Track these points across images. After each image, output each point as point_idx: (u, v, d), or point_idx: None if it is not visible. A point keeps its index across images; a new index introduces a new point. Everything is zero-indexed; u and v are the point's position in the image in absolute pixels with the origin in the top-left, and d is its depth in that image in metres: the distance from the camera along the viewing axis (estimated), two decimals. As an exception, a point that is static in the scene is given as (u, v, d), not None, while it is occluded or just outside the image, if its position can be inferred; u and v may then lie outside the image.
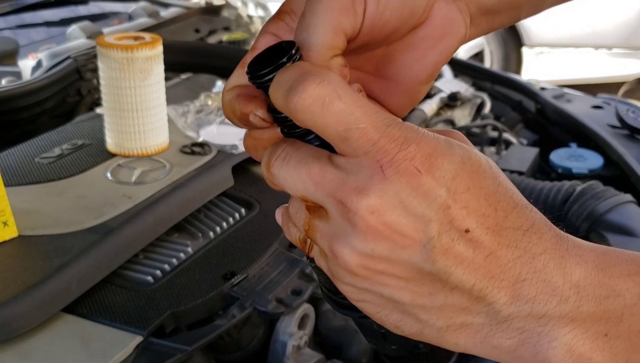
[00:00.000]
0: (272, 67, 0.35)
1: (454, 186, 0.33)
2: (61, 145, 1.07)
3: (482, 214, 0.33)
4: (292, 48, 0.35)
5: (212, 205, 1.00)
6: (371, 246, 0.33)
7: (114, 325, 0.77)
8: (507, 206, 0.34)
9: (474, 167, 0.34)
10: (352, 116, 0.32)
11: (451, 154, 0.33)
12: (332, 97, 0.32)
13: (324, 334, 0.91)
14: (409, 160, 0.32)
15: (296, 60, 0.35)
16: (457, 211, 0.33)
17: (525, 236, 0.34)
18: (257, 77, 0.35)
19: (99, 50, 0.98)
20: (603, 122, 1.47)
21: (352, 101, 0.33)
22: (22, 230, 0.84)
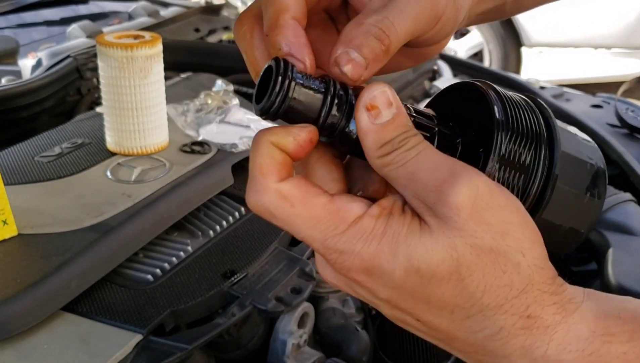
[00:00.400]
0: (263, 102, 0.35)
1: (395, 293, 0.34)
2: (61, 144, 1.06)
3: (433, 314, 0.35)
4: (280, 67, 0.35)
5: (212, 204, 1.00)
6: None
7: (113, 324, 0.77)
8: (469, 311, 0.34)
9: (423, 279, 0.33)
10: (292, 228, 0.35)
11: (390, 270, 0.34)
12: (268, 216, 0.35)
13: (323, 332, 0.91)
14: (345, 271, 0.35)
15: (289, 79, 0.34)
16: (403, 305, 0.35)
17: (486, 340, 0.34)
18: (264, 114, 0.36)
19: (98, 49, 0.98)
20: (602, 121, 1.47)
21: (286, 218, 0.34)
22: (22, 229, 0.84)
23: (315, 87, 0.35)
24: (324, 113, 0.35)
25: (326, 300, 0.94)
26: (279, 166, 0.34)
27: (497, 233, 0.33)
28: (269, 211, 0.34)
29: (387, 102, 0.35)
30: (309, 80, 0.35)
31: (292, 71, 0.35)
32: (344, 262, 0.34)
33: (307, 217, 0.34)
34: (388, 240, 0.33)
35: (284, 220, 0.34)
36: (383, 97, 0.35)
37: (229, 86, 1.23)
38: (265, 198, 0.34)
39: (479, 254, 0.33)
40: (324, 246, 0.34)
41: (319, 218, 0.34)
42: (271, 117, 0.35)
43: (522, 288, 0.33)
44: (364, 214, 0.34)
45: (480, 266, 0.33)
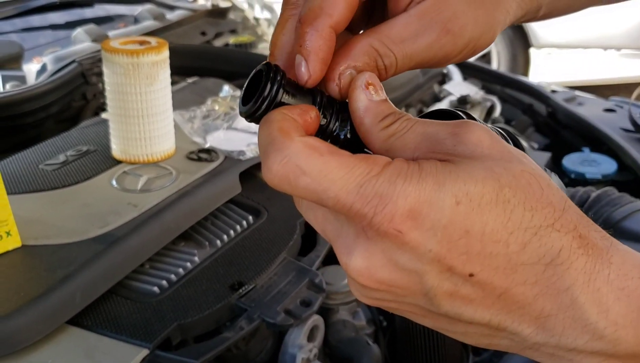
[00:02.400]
0: (249, 105, 0.35)
1: (446, 236, 0.31)
2: (66, 151, 1.05)
3: (488, 255, 0.31)
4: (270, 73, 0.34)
5: (219, 212, 0.99)
6: (373, 294, 0.34)
7: (119, 338, 0.75)
8: (524, 235, 0.31)
9: (474, 202, 0.31)
10: (320, 186, 0.31)
11: (439, 201, 0.30)
12: (296, 174, 0.31)
13: (334, 346, 0.89)
14: (387, 222, 0.31)
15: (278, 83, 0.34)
16: (455, 259, 0.31)
17: (547, 270, 0.31)
18: (248, 116, 0.35)
19: (104, 55, 0.96)
20: (616, 126, 1.45)
21: (318, 171, 0.31)
22: (26, 240, 0.82)
23: (302, 97, 0.35)
24: None
25: (336, 312, 0.92)
26: (299, 127, 0.33)
27: (520, 156, 0.32)
28: (297, 166, 0.31)
29: (379, 85, 0.36)
30: (297, 89, 0.35)
31: (282, 78, 0.34)
32: (386, 207, 0.30)
33: (338, 165, 0.31)
34: (427, 173, 0.31)
35: (314, 174, 0.31)
36: (376, 80, 0.36)
37: (236, 91, 1.21)
38: (291, 150, 0.31)
39: (515, 175, 0.31)
40: (360, 196, 0.31)
41: (351, 164, 0.31)
42: (255, 121, 0.35)
43: (562, 207, 0.31)
44: (395, 160, 0.32)
45: (520, 187, 0.31)
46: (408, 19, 0.37)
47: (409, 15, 0.37)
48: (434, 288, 0.32)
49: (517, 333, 0.32)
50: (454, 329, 0.34)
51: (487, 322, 0.32)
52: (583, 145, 1.40)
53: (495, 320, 0.32)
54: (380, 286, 0.32)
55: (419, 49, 0.37)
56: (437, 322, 0.34)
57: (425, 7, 0.37)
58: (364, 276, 0.32)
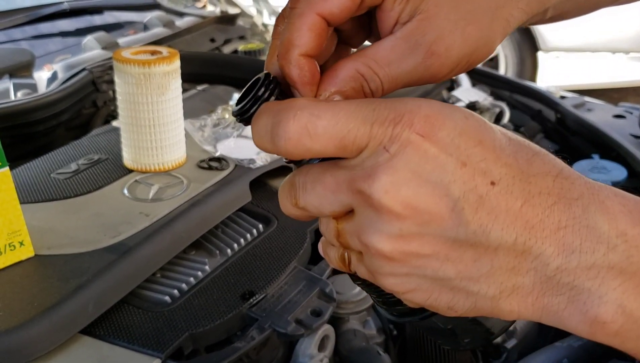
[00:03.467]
0: (241, 104, 0.37)
1: (463, 142, 0.32)
2: (77, 160, 1.05)
3: (504, 164, 0.32)
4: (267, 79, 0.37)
5: (230, 221, 0.99)
6: (398, 226, 0.33)
7: (131, 348, 0.75)
8: (527, 154, 0.33)
9: (480, 122, 0.33)
10: (338, 124, 0.33)
11: (451, 112, 0.33)
12: (312, 120, 0.33)
13: (344, 355, 0.89)
14: (408, 129, 0.32)
15: (268, 89, 0.37)
16: (476, 166, 0.32)
17: (556, 182, 0.32)
18: (239, 115, 0.38)
19: (115, 65, 0.97)
20: (625, 132, 1.44)
21: (331, 112, 0.33)
22: (38, 250, 0.83)
23: None
24: None
25: (347, 322, 0.92)
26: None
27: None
28: (310, 114, 0.33)
29: None
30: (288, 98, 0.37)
31: (276, 87, 0.37)
32: (404, 116, 0.32)
33: (348, 103, 0.33)
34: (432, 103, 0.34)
35: (328, 114, 0.33)
36: None
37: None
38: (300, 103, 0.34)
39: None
40: (377, 116, 0.32)
41: (360, 101, 0.34)
42: (244, 122, 0.37)
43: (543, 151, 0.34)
44: None
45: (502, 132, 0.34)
46: (394, 41, 0.38)
47: (395, 38, 0.38)
48: (460, 201, 0.32)
49: (540, 255, 0.32)
50: (479, 269, 0.33)
51: (513, 241, 0.32)
52: (592, 152, 1.40)
53: (521, 238, 0.32)
54: (405, 209, 0.32)
55: (404, 71, 0.37)
56: (462, 263, 0.33)
57: (410, 29, 0.37)
58: (389, 193, 0.32)
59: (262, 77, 0.38)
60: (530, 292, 0.33)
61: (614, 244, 0.32)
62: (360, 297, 0.93)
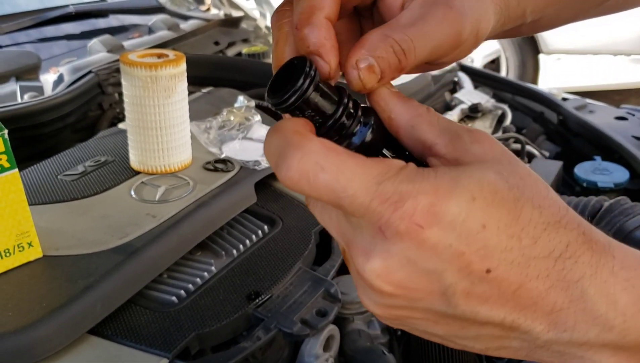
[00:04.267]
0: (280, 95, 0.35)
1: (465, 230, 0.31)
2: (84, 162, 1.06)
3: (504, 250, 0.31)
4: (304, 66, 0.35)
5: (235, 222, 1.00)
6: (387, 301, 0.34)
7: (139, 347, 0.76)
8: (535, 231, 0.32)
9: (488, 199, 0.31)
10: (339, 184, 0.31)
11: (458, 195, 0.31)
12: (315, 171, 0.31)
13: (349, 355, 0.90)
14: (408, 218, 0.31)
15: (312, 77, 0.35)
16: (474, 255, 0.31)
17: (557, 263, 0.32)
18: (276, 106, 0.36)
19: (122, 68, 0.97)
20: (627, 134, 1.45)
21: (336, 168, 0.31)
22: (46, 250, 0.83)
23: (331, 95, 0.36)
24: (330, 123, 0.36)
25: (351, 322, 0.93)
26: (312, 128, 0.35)
27: (524, 165, 0.34)
28: (315, 163, 0.31)
29: None
30: (327, 86, 0.36)
31: (315, 74, 0.35)
32: (406, 203, 0.31)
33: (356, 164, 0.32)
34: (443, 172, 0.32)
35: (332, 170, 0.31)
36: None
37: (250, 102, 1.22)
38: (310, 148, 0.32)
39: (522, 177, 0.33)
40: (378, 193, 0.31)
41: (368, 165, 0.32)
42: (281, 111, 0.36)
43: (565, 207, 0.33)
44: (409, 164, 0.33)
45: (527, 188, 0.32)
46: (411, 10, 0.38)
47: (410, 8, 0.38)
48: (452, 286, 0.32)
49: (529, 332, 0.33)
50: (466, 333, 0.34)
51: (501, 320, 0.33)
52: (594, 153, 1.41)
53: (510, 318, 0.32)
54: (396, 289, 0.32)
55: (430, 29, 0.37)
56: (450, 328, 0.35)
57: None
58: (381, 277, 0.32)
59: (298, 63, 0.36)
60: (519, 350, 0.35)
61: (611, 325, 0.32)
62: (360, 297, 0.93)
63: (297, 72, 0.35)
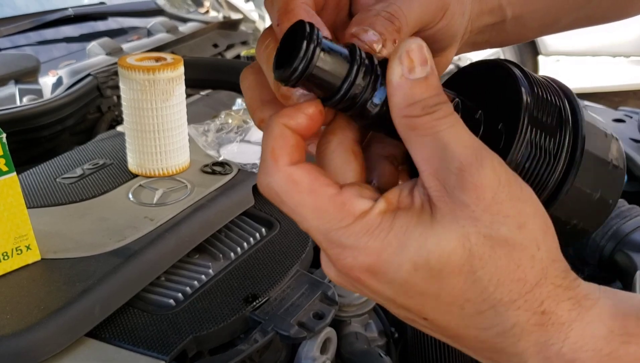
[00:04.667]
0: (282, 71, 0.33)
1: (402, 292, 0.33)
2: (82, 165, 1.07)
3: (442, 311, 0.33)
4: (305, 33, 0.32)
5: (233, 225, 1.00)
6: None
7: (136, 350, 0.76)
8: (481, 306, 0.32)
9: (433, 271, 0.31)
10: (295, 217, 0.34)
11: (397, 265, 0.32)
12: (276, 200, 0.34)
13: (346, 358, 0.90)
14: (347, 269, 0.33)
15: (316, 41, 0.32)
16: (411, 306, 0.33)
17: (498, 337, 0.32)
18: (286, 80, 0.34)
19: (120, 71, 0.98)
20: (625, 136, 1.45)
21: (294, 205, 0.34)
22: (45, 253, 0.84)
23: (341, 54, 0.33)
24: (348, 82, 0.34)
25: (348, 324, 0.93)
26: (291, 149, 0.34)
27: (514, 225, 0.31)
28: (277, 195, 0.34)
29: (423, 58, 0.33)
30: (335, 46, 0.34)
31: (318, 36, 0.32)
32: (346, 259, 0.33)
33: (313, 207, 0.33)
34: (395, 233, 0.32)
35: (290, 207, 0.34)
36: (420, 52, 0.33)
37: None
38: (275, 180, 0.34)
39: (493, 246, 0.31)
40: (326, 239, 0.33)
41: (324, 209, 0.33)
42: (291, 84, 0.33)
43: (535, 282, 0.32)
44: (370, 210, 0.33)
45: (493, 259, 0.31)
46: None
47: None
48: (396, 314, 0.35)
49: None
50: None
51: (451, 343, 0.35)
52: (592, 156, 1.41)
53: (453, 345, 0.35)
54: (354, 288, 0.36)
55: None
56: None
57: None
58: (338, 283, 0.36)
59: (298, 28, 0.33)
60: None
61: None
62: (362, 300, 0.94)
63: (299, 39, 0.32)
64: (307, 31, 0.32)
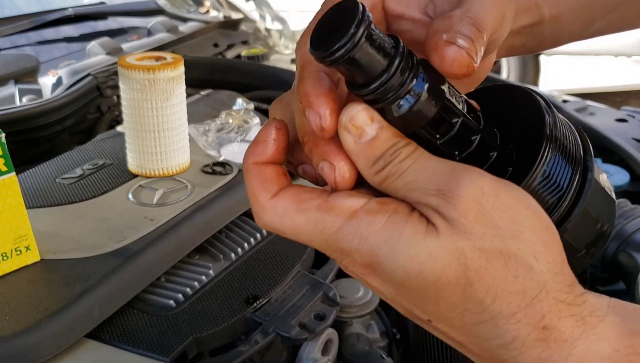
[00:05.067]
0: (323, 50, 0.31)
1: (402, 291, 0.33)
2: (82, 165, 1.06)
3: (444, 316, 0.33)
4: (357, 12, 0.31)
5: (234, 225, 0.99)
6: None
7: (136, 352, 0.76)
8: (480, 316, 0.31)
9: (428, 282, 0.31)
10: (301, 239, 0.35)
11: (390, 271, 0.32)
12: (277, 231, 0.36)
13: (347, 359, 0.89)
14: (350, 267, 0.34)
15: (367, 23, 0.31)
16: (414, 307, 0.34)
17: (499, 348, 0.32)
18: (322, 59, 0.32)
19: (120, 71, 0.97)
20: (628, 136, 1.45)
21: (291, 231, 0.35)
22: (44, 254, 0.83)
23: (386, 43, 0.32)
24: (388, 74, 0.32)
25: (350, 325, 0.93)
26: (267, 184, 0.36)
27: (507, 235, 0.31)
28: (275, 229, 0.36)
29: (367, 119, 0.34)
30: (381, 34, 0.32)
31: (369, 18, 0.31)
32: (346, 259, 0.34)
33: (306, 223, 0.34)
34: (386, 238, 0.32)
35: (291, 234, 0.35)
36: (362, 115, 0.34)
37: (249, 104, 1.22)
38: (266, 218, 0.35)
39: (488, 258, 0.31)
40: (327, 247, 0.34)
41: (315, 221, 0.34)
42: (328, 63, 0.32)
43: (535, 295, 0.31)
44: (360, 208, 0.33)
45: (490, 271, 0.31)
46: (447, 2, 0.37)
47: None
48: (404, 314, 0.35)
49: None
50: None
51: (458, 349, 0.35)
52: (595, 155, 1.40)
53: (464, 352, 0.35)
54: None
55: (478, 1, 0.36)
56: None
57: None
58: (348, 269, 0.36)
59: (347, 7, 0.31)
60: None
61: None
62: (364, 301, 0.93)
63: (348, 18, 0.31)
64: (360, 10, 0.31)
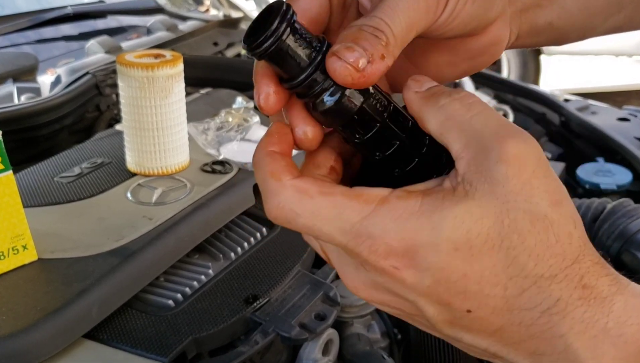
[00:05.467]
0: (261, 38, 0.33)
1: (443, 277, 0.31)
2: (81, 164, 1.05)
3: (486, 296, 0.31)
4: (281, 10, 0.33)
5: (233, 225, 0.99)
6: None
7: (135, 352, 0.75)
8: (524, 282, 0.31)
9: (474, 249, 0.30)
10: (315, 226, 0.33)
11: (435, 246, 0.31)
12: (291, 216, 0.33)
13: (348, 359, 0.89)
14: (383, 259, 0.31)
15: (289, 20, 0.33)
16: (453, 298, 0.32)
17: (542, 316, 0.31)
18: (251, 51, 0.34)
19: (119, 68, 0.96)
20: (630, 135, 1.44)
21: (310, 213, 0.32)
22: (42, 253, 0.82)
23: (309, 41, 0.34)
24: (311, 68, 0.34)
25: (351, 326, 0.92)
26: (288, 168, 0.34)
27: (553, 201, 0.31)
28: (291, 210, 0.33)
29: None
30: (306, 32, 0.34)
31: (292, 16, 0.33)
32: (379, 248, 0.31)
33: (330, 206, 0.32)
34: (428, 214, 0.31)
35: (306, 216, 0.32)
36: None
37: (249, 103, 1.21)
38: (284, 196, 0.33)
39: (532, 221, 0.31)
40: (353, 236, 0.32)
41: (342, 205, 0.32)
42: (257, 56, 0.34)
43: (574, 257, 0.31)
44: (389, 195, 0.32)
45: (533, 234, 0.31)
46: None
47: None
48: (433, 317, 0.33)
49: (514, 360, 0.33)
50: (456, 345, 0.36)
51: (485, 348, 0.33)
52: (597, 155, 1.40)
53: (493, 348, 0.33)
54: (384, 308, 0.35)
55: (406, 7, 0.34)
56: (441, 336, 0.36)
57: None
58: (368, 300, 0.35)
59: (275, 6, 0.34)
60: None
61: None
62: (364, 301, 0.92)
63: (272, 15, 0.33)
64: (283, 10, 0.33)
